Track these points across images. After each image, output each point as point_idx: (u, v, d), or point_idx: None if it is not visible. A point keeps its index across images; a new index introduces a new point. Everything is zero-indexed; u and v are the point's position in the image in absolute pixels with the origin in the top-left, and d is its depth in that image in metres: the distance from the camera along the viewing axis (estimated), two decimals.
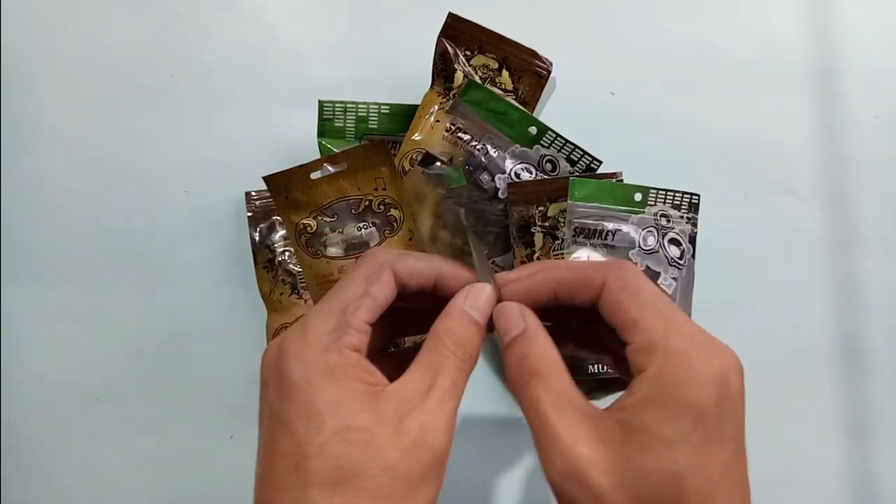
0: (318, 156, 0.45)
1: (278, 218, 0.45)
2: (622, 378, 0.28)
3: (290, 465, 0.22)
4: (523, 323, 0.25)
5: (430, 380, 0.24)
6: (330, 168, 0.41)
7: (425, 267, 0.27)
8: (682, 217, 0.45)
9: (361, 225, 0.43)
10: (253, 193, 0.45)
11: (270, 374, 0.24)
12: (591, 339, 0.29)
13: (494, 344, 0.48)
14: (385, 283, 0.26)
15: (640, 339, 0.23)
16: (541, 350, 0.25)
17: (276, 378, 0.23)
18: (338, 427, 0.22)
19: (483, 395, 0.47)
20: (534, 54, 0.45)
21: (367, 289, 0.25)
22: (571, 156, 0.44)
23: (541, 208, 0.43)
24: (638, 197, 0.44)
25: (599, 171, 0.45)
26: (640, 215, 0.44)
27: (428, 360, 0.25)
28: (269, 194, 0.42)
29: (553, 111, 0.48)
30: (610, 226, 0.43)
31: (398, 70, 0.47)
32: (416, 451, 0.23)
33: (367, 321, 0.25)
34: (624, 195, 0.44)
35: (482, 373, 0.47)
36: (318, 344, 0.24)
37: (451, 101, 0.44)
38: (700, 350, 0.22)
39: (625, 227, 0.43)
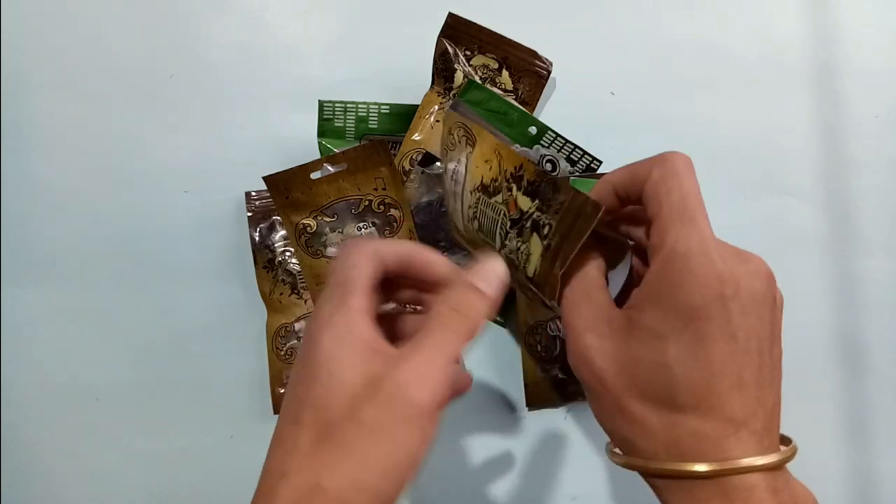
0: (318, 156, 0.45)
1: (278, 218, 0.45)
2: None
3: (290, 416, 0.25)
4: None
5: (418, 340, 0.25)
6: (330, 168, 0.41)
7: (400, 245, 0.29)
8: None
9: (361, 225, 0.43)
10: (253, 193, 0.45)
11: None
12: None
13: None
14: (371, 257, 0.28)
15: (654, 237, 0.24)
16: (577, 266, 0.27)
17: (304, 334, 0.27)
18: (328, 381, 0.24)
19: (483, 394, 0.47)
20: (534, 54, 0.45)
21: (357, 261, 0.27)
22: (571, 156, 0.44)
23: None
24: None
25: (599, 171, 0.45)
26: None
27: (423, 324, 0.26)
28: (269, 194, 0.42)
29: (553, 111, 0.48)
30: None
31: (398, 70, 0.47)
32: (390, 404, 0.24)
33: (366, 285, 0.27)
34: None
35: (483, 374, 0.47)
36: (328, 305, 0.26)
37: (451, 101, 0.44)
38: (706, 255, 0.23)
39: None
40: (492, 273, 0.28)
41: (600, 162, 0.45)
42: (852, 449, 0.48)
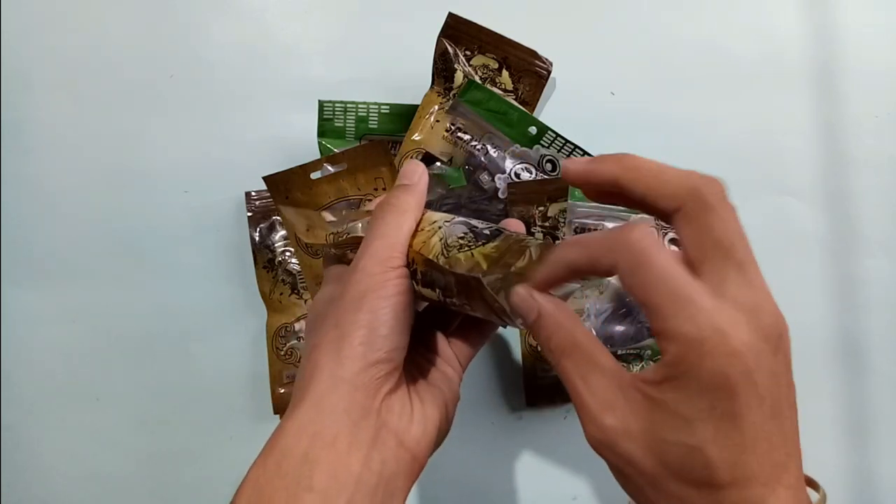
0: (318, 156, 0.45)
1: (278, 218, 0.45)
2: None
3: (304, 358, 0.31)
4: (536, 306, 0.26)
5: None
6: (330, 168, 0.41)
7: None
8: None
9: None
10: (253, 193, 0.45)
11: None
12: None
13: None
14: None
15: (655, 324, 0.23)
16: (559, 328, 0.26)
17: None
18: (311, 308, 0.32)
19: (483, 395, 0.47)
20: (534, 54, 0.45)
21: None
22: (571, 156, 0.44)
23: (541, 208, 0.43)
24: None
25: None
26: (640, 214, 0.44)
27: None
28: (269, 194, 0.42)
29: (553, 111, 0.48)
30: (610, 226, 0.43)
31: (398, 70, 0.47)
32: (351, 278, 0.29)
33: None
34: None
35: (483, 374, 0.47)
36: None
37: (451, 101, 0.44)
38: (716, 331, 0.22)
39: None
40: (409, 169, 0.33)
41: None
42: (852, 449, 0.48)
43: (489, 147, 0.45)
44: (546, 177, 0.45)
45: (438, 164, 0.44)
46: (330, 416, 0.27)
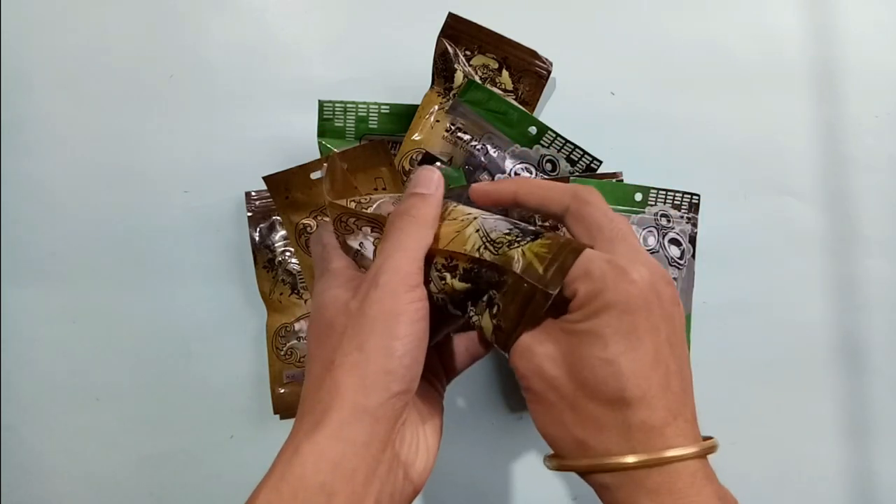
0: (318, 156, 0.45)
1: (278, 218, 0.45)
2: None
3: (307, 363, 0.31)
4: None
5: (379, 247, 0.31)
6: None
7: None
8: (682, 217, 0.45)
9: None
10: (253, 193, 0.45)
11: None
12: None
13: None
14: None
15: (574, 269, 0.27)
16: None
17: None
18: (322, 314, 0.31)
19: (483, 395, 0.47)
20: (534, 54, 0.45)
21: (324, 239, 0.34)
22: (571, 156, 0.44)
23: None
24: (638, 197, 0.44)
25: (599, 171, 0.45)
26: (640, 215, 0.44)
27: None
28: (269, 194, 0.42)
29: (553, 111, 0.48)
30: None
31: (398, 70, 0.47)
32: (366, 294, 0.29)
33: (337, 249, 0.34)
34: (624, 195, 0.44)
35: (483, 374, 0.47)
36: (316, 281, 0.33)
37: (451, 101, 0.44)
38: (623, 266, 0.27)
39: None
40: (424, 177, 0.32)
41: (600, 162, 0.45)
42: (852, 449, 0.48)
43: (489, 147, 0.45)
44: (546, 177, 0.45)
45: (438, 164, 0.44)
46: (351, 448, 0.26)
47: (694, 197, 0.45)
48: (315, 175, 0.41)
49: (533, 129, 0.44)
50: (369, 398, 0.27)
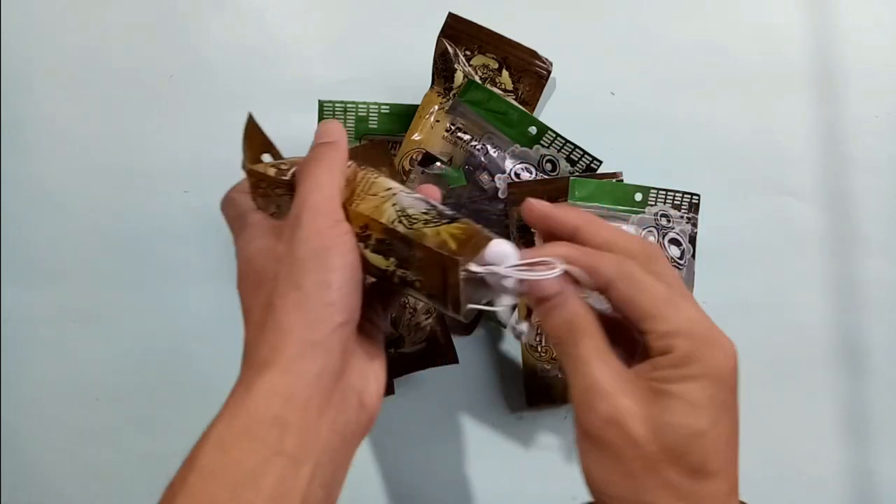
0: None
1: None
2: None
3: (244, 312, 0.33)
4: (560, 285, 0.28)
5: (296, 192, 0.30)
6: None
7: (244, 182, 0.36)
8: (682, 217, 0.45)
9: None
10: None
11: None
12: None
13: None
14: (241, 190, 0.35)
15: (662, 328, 0.26)
16: (583, 310, 0.28)
17: None
18: (249, 266, 0.32)
19: (483, 395, 0.47)
20: (534, 54, 0.45)
21: (235, 198, 0.35)
22: (571, 156, 0.44)
23: None
24: (638, 197, 0.44)
25: (599, 171, 0.45)
26: (640, 215, 0.44)
27: None
28: None
29: (553, 111, 0.48)
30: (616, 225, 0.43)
31: (398, 70, 0.47)
32: (293, 231, 0.29)
33: (251, 206, 0.34)
34: (624, 195, 0.44)
35: (483, 374, 0.47)
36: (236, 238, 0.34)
37: (451, 101, 0.44)
38: (715, 334, 0.27)
39: (625, 227, 0.43)
40: (326, 128, 0.33)
41: (600, 162, 0.45)
42: (852, 449, 0.48)
43: (489, 147, 0.45)
44: (546, 177, 0.45)
45: (438, 164, 0.44)
46: (303, 380, 0.26)
47: (694, 197, 0.45)
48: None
49: (533, 129, 0.44)
50: (315, 332, 0.27)
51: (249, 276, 0.30)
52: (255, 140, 0.35)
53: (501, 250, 0.29)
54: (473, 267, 0.28)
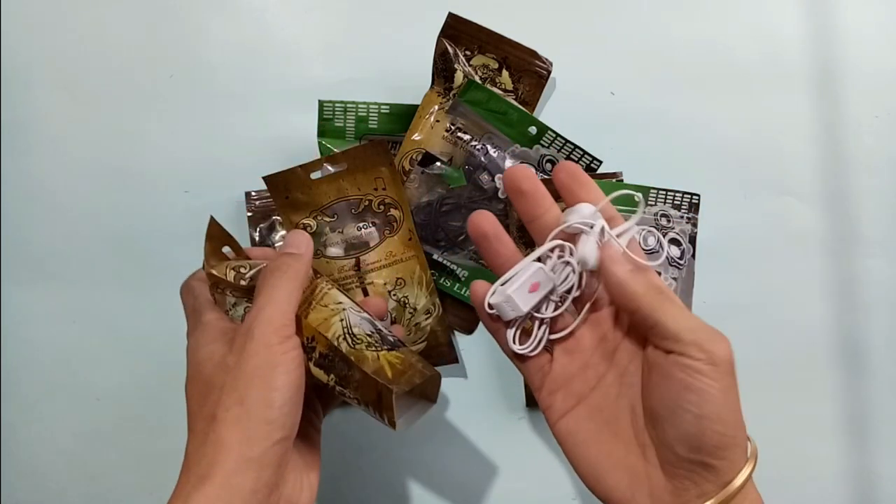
0: (318, 156, 0.45)
1: (278, 218, 0.45)
2: None
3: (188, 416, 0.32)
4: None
5: (254, 302, 0.32)
6: (330, 168, 0.41)
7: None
8: (682, 217, 0.45)
9: (361, 225, 0.43)
10: (253, 193, 0.45)
11: None
12: None
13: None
14: (203, 280, 0.36)
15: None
16: None
17: None
18: (196, 369, 0.32)
19: (483, 395, 0.47)
20: (534, 54, 0.45)
21: (195, 289, 0.36)
22: (571, 156, 0.45)
23: None
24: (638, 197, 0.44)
25: (599, 171, 0.45)
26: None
27: None
28: (269, 194, 0.42)
29: (553, 111, 0.48)
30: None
31: (398, 70, 0.47)
32: (242, 346, 0.30)
33: (209, 301, 0.35)
34: (624, 195, 0.44)
35: (483, 374, 0.47)
36: (190, 332, 0.34)
37: (451, 101, 0.44)
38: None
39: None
40: (295, 239, 0.34)
41: (600, 162, 0.45)
42: (852, 449, 0.48)
43: (489, 147, 0.45)
44: (546, 177, 0.45)
45: (438, 164, 0.44)
46: (239, 496, 0.27)
47: (694, 197, 0.45)
48: (315, 175, 0.41)
49: (533, 129, 0.44)
50: (253, 448, 0.28)
51: (197, 383, 0.31)
52: (215, 237, 0.36)
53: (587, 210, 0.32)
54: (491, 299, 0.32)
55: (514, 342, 0.33)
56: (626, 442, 0.31)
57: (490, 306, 0.33)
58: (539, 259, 0.32)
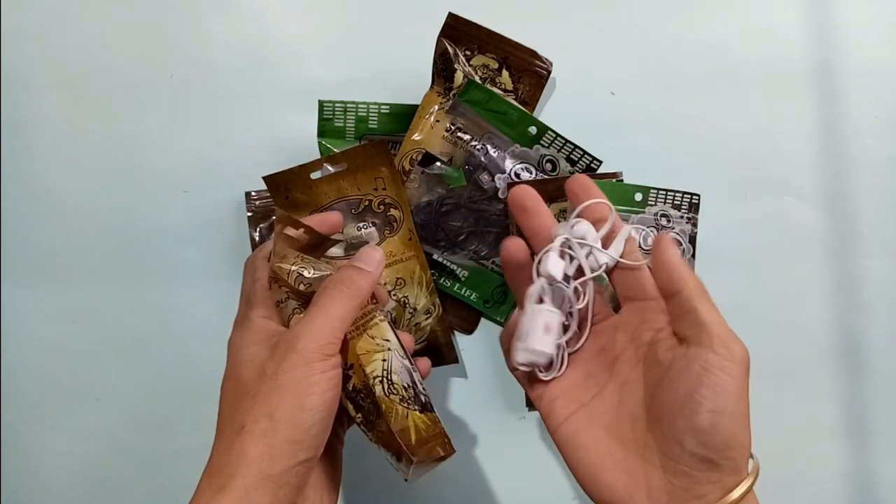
0: (318, 156, 0.45)
1: None
2: None
3: (219, 414, 0.32)
4: None
5: (307, 310, 0.32)
6: (330, 168, 0.41)
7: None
8: (682, 217, 0.45)
9: (361, 225, 0.43)
10: (253, 193, 0.45)
11: None
12: None
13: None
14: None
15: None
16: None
17: None
18: (237, 367, 0.32)
19: (483, 395, 0.47)
20: (534, 54, 0.45)
21: (259, 275, 0.35)
22: (571, 156, 0.45)
23: None
24: (638, 197, 0.44)
25: (599, 171, 0.45)
26: (640, 215, 0.44)
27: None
28: (269, 194, 0.42)
29: (553, 111, 0.48)
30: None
31: (398, 70, 0.47)
32: (284, 356, 0.30)
33: (264, 296, 0.34)
34: (624, 195, 0.44)
35: (483, 374, 0.47)
36: (238, 319, 0.35)
37: (451, 101, 0.44)
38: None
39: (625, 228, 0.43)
40: (368, 254, 0.34)
41: (600, 162, 0.45)
42: (852, 449, 0.48)
43: (489, 147, 0.45)
44: (546, 177, 0.45)
45: (438, 163, 0.44)
46: None
47: (694, 197, 0.45)
48: (315, 175, 0.41)
49: (533, 129, 0.44)
50: (274, 466, 0.28)
51: (235, 384, 0.31)
52: (282, 220, 0.35)
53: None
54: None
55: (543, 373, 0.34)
56: (626, 444, 0.31)
57: (519, 365, 0.33)
58: (540, 298, 0.33)
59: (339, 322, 0.31)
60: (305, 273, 0.33)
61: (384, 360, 0.33)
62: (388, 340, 0.34)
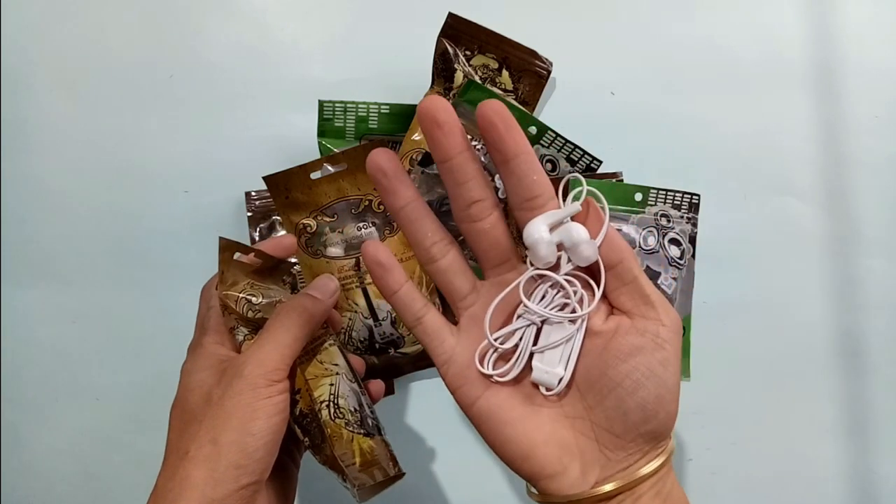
0: (318, 156, 0.45)
1: (278, 218, 0.45)
2: None
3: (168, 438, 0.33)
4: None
5: (258, 336, 0.32)
6: (330, 168, 0.41)
7: None
8: (682, 217, 0.45)
9: (361, 225, 0.43)
10: (253, 193, 0.45)
11: None
12: None
13: None
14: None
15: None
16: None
17: None
18: (186, 392, 0.33)
19: None
20: (534, 54, 0.45)
21: (212, 302, 0.36)
22: (571, 156, 0.45)
23: None
24: (638, 197, 0.44)
25: (599, 171, 0.45)
26: (640, 215, 0.44)
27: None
28: (269, 194, 0.42)
29: (553, 111, 0.48)
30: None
31: (398, 70, 0.47)
32: (231, 382, 0.30)
33: (217, 322, 0.35)
34: (624, 195, 0.44)
35: None
36: (191, 346, 0.36)
37: (451, 101, 0.44)
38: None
39: (625, 227, 0.43)
40: (323, 283, 0.34)
41: (600, 162, 0.45)
42: (852, 449, 0.48)
43: None
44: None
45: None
46: None
47: (694, 197, 0.45)
48: (315, 175, 0.41)
49: (533, 129, 0.44)
50: (217, 490, 0.28)
51: (181, 409, 0.31)
52: (226, 248, 0.35)
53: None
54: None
55: (487, 368, 0.30)
56: (552, 416, 0.29)
57: (544, 385, 0.29)
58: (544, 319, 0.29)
59: (287, 349, 0.31)
60: (254, 300, 0.34)
61: (332, 385, 0.33)
62: (336, 365, 0.34)
